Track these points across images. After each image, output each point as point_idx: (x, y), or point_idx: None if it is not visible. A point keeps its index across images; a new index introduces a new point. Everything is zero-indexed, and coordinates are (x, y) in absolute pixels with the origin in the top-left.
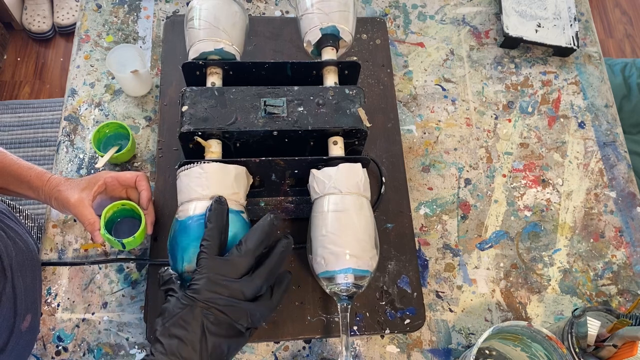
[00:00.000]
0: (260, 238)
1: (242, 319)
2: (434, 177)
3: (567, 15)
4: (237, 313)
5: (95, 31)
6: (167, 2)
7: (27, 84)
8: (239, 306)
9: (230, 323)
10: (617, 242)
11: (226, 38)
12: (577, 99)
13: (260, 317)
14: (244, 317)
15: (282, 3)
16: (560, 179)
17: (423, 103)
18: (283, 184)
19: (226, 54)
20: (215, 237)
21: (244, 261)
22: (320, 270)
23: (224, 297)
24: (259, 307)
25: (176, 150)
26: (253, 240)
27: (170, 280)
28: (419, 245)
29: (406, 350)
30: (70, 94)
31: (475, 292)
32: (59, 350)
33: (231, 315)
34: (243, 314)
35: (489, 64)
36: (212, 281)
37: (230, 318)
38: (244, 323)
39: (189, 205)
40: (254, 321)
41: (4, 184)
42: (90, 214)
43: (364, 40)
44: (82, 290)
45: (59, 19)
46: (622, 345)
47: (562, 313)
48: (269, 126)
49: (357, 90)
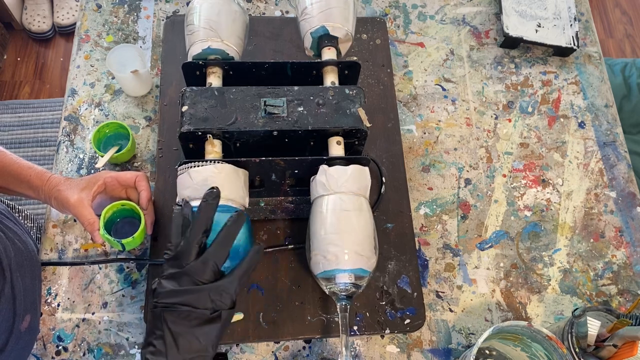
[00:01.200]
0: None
1: (202, 304)
2: (434, 177)
3: (567, 15)
4: (195, 300)
5: (95, 31)
6: (167, 2)
7: (27, 84)
8: (196, 292)
9: (191, 312)
10: (617, 242)
11: (226, 38)
12: (577, 99)
13: (226, 294)
14: (204, 302)
15: (282, 3)
16: (560, 179)
17: (423, 103)
18: (283, 184)
19: (226, 54)
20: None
21: (187, 248)
22: (319, 271)
23: (178, 289)
24: (221, 285)
25: (176, 150)
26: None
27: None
28: (419, 245)
29: (406, 350)
30: (70, 94)
31: (475, 292)
32: (59, 350)
33: (190, 304)
34: (203, 299)
35: (489, 64)
36: (167, 279)
37: (190, 307)
38: (207, 307)
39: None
40: (220, 301)
41: (4, 184)
42: (89, 214)
43: (364, 40)
44: (82, 290)
45: (59, 19)
46: (622, 345)
47: (562, 313)
48: (269, 126)
49: (357, 90)
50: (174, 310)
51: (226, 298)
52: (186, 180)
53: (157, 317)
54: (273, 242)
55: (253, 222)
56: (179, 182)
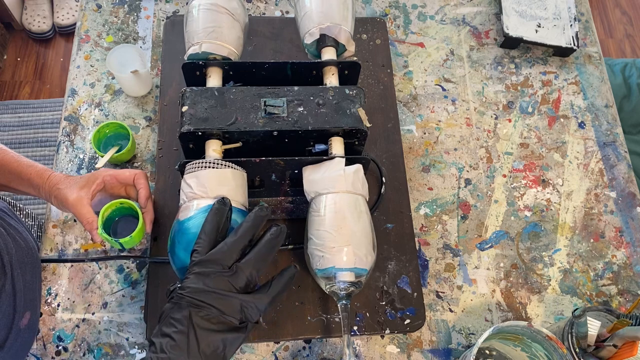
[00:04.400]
0: (245, 228)
1: (233, 311)
2: (434, 177)
3: (567, 15)
4: (227, 305)
5: (95, 31)
6: (167, 2)
7: (27, 84)
8: (229, 298)
9: (220, 316)
10: (617, 242)
11: (226, 38)
12: (577, 99)
13: (256, 309)
14: (235, 310)
15: (282, 3)
16: (561, 179)
17: (423, 103)
18: (283, 184)
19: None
20: (211, 236)
21: (229, 253)
22: (318, 269)
23: (210, 290)
24: (254, 299)
25: (176, 150)
26: (238, 231)
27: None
28: (419, 245)
29: (406, 350)
30: (70, 94)
31: (475, 292)
32: (59, 350)
33: (221, 308)
34: (234, 307)
35: (489, 64)
36: (199, 276)
37: (220, 311)
38: (236, 316)
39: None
40: (250, 314)
41: (5, 182)
42: (88, 212)
43: (364, 40)
44: (82, 290)
45: (59, 19)
46: (622, 346)
47: (562, 313)
48: (269, 126)
49: (357, 90)
50: (203, 309)
51: (256, 313)
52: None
53: (181, 311)
54: None
55: None
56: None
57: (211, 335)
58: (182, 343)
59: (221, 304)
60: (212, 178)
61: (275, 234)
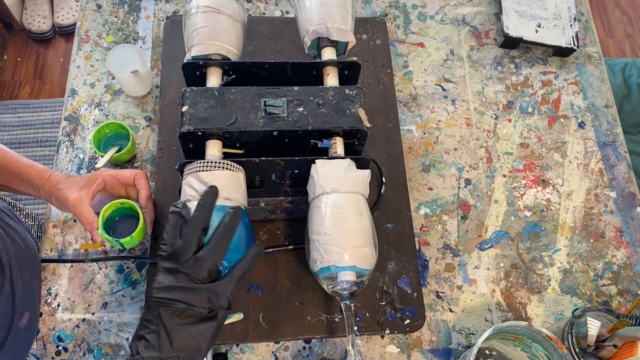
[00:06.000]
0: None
1: (200, 302)
2: (434, 177)
3: (567, 15)
4: (192, 298)
5: (95, 31)
6: (167, 2)
7: (27, 84)
8: (193, 290)
9: (188, 309)
10: (617, 242)
11: (226, 38)
12: (577, 99)
13: (223, 296)
14: (202, 300)
15: (282, 3)
16: (560, 179)
17: (423, 103)
18: (283, 184)
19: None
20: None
21: (185, 245)
22: (319, 269)
23: (175, 285)
24: (219, 286)
25: (176, 150)
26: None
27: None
28: (419, 245)
29: (406, 350)
30: (70, 94)
31: (475, 292)
32: (59, 351)
33: (187, 301)
34: (200, 297)
35: (489, 64)
36: (164, 273)
37: (187, 304)
38: (204, 305)
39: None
40: (217, 302)
41: (5, 182)
42: (88, 212)
43: (364, 40)
44: (82, 290)
45: (59, 19)
46: (622, 346)
47: (562, 313)
48: (269, 126)
49: (357, 90)
50: (170, 306)
51: (223, 299)
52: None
53: (152, 311)
54: (273, 242)
55: (253, 223)
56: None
57: (182, 330)
58: (155, 342)
59: (187, 297)
60: (212, 178)
61: (230, 214)
